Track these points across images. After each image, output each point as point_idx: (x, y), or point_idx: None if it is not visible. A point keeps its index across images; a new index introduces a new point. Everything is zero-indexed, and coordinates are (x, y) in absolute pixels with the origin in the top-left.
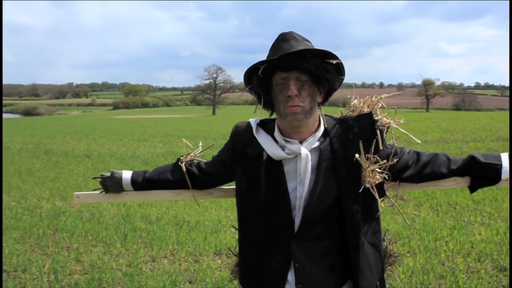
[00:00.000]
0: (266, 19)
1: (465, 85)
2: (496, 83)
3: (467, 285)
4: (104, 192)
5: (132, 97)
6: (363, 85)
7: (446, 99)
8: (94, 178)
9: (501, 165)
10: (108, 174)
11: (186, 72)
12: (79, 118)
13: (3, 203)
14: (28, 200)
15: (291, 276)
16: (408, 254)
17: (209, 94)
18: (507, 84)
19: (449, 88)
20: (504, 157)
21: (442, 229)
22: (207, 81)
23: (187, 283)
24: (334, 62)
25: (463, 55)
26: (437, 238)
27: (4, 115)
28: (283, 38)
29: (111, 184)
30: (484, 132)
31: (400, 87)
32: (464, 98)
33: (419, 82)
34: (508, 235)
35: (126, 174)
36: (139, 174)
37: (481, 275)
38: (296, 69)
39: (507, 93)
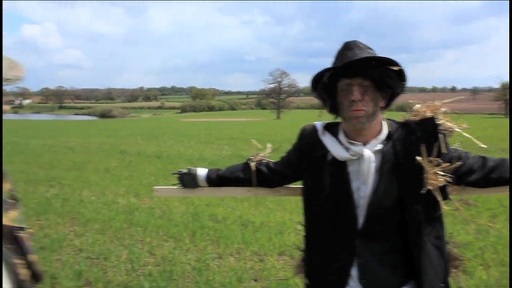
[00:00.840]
0: (331, 23)
1: None
2: None
3: None
4: (181, 187)
5: (199, 100)
6: (434, 89)
7: None
8: (173, 173)
9: None
10: (186, 170)
11: (251, 76)
12: (150, 120)
13: (85, 197)
14: (106, 196)
15: (354, 272)
16: (481, 267)
17: (274, 98)
18: None
19: None
20: None
21: None
22: (272, 85)
23: (252, 281)
24: (397, 69)
25: None
26: None
27: (83, 117)
28: (347, 47)
29: (188, 180)
30: None
31: (474, 91)
32: None
33: (496, 85)
34: None
35: (201, 171)
36: (213, 172)
37: None
38: (360, 75)
39: None
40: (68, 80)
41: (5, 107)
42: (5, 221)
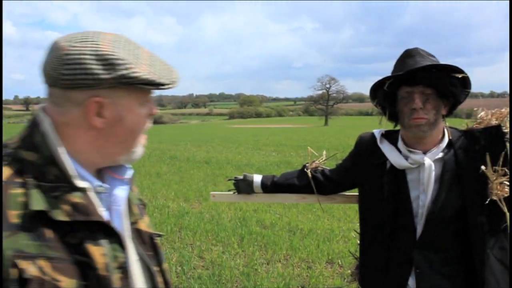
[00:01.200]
0: (382, 27)
1: None
2: None
3: None
4: (236, 193)
5: (247, 107)
6: (492, 95)
7: None
8: (229, 179)
9: None
10: (241, 176)
11: (299, 83)
12: (198, 126)
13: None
14: (157, 200)
15: (412, 281)
16: None
17: (322, 105)
18: None
19: None
20: None
21: None
22: (320, 92)
23: (300, 287)
24: (460, 76)
25: None
26: None
27: None
28: (408, 54)
29: (243, 186)
30: None
31: None
32: None
33: None
34: None
35: (257, 178)
36: (268, 178)
37: None
38: (421, 83)
39: None
40: None
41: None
42: (143, 227)
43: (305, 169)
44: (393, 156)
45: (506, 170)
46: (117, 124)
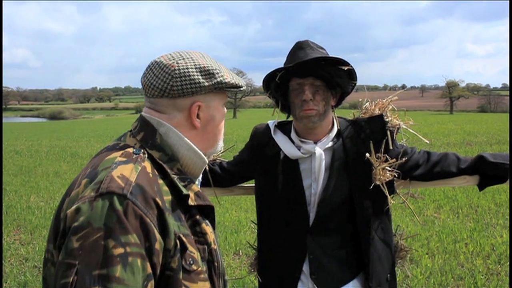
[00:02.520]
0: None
1: (492, 86)
2: None
3: (485, 286)
4: None
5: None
6: (385, 88)
7: (471, 101)
8: None
9: (509, 164)
10: None
11: None
12: (103, 121)
13: (32, 203)
14: (55, 201)
15: (306, 267)
16: (426, 256)
17: (230, 98)
18: None
19: (474, 89)
20: None
21: (462, 231)
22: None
23: None
24: (346, 68)
25: (489, 56)
26: (457, 240)
27: (32, 119)
28: (299, 47)
29: None
30: (509, 134)
31: (423, 89)
32: (490, 100)
33: (443, 84)
34: None
35: None
36: None
37: (501, 277)
38: (311, 75)
39: None
40: (14, 80)
41: None
42: None
43: None
44: (286, 146)
45: (388, 157)
46: (210, 123)
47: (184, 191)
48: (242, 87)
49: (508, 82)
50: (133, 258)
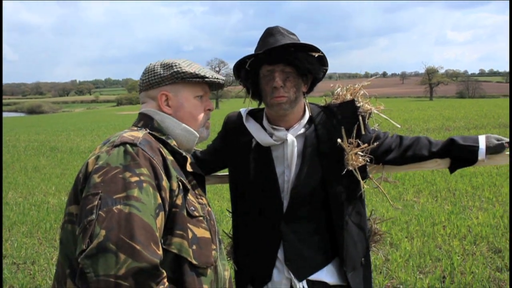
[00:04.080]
0: (270, 11)
1: (470, 72)
2: (501, 69)
3: (462, 267)
4: None
5: (136, 92)
6: (367, 75)
7: (450, 87)
8: None
9: (478, 146)
10: None
11: None
12: (83, 115)
13: (10, 199)
14: (35, 196)
15: (280, 254)
16: (406, 239)
17: (212, 91)
18: None
19: (453, 76)
20: (482, 139)
21: (440, 214)
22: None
23: None
24: (316, 55)
25: (468, 43)
26: (435, 223)
27: (9, 114)
28: (269, 33)
29: None
30: (486, 118)
31: (403, 76)
32: (468, 86)
33: (422, 71)
34: (505, 218)
35: None
36: None
37: (476, 257)
38: (281, 62)
39: None
40: None
41: None
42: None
43: None
44: (258, 134)
45: (359, 142)
46: (180, 109)
47: (184, 153)
48: (205, 77)
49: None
50: (146, 184)
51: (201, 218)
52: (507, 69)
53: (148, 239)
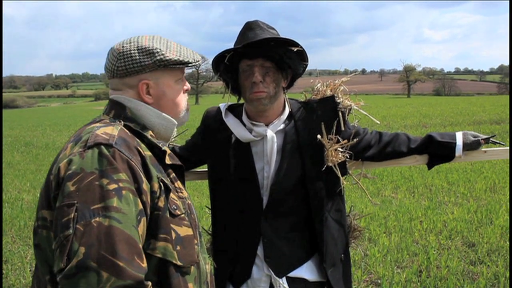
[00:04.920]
0: (251, 7)
1: (446, 70)
2: (475, 68)
3: (437, 261)
4: None
5: None
6: (346, 72)
7: (427, 84)
8: None
9: (455, 143)
10: None
11: None
12: (60, 110)
13: None
14: (8, 193)
15: (260, 251)
16: (384, 234)
17: (192, 83)
18: (485, 69)
19: (430, 73)
20: (459, 135)
21: (417, 209)
22: (189, 70)
23: None
24: (295, 50)
25: (445, 41)
26: (412, 218)
27: None
28: (249, 27)
29: None
30: (462, 116)
31: (382, 73)
32: (444, 84)
33: (400, 68)
34: (478, 213)
35: None
36: None
37: (452, 251)
38: (261, 56)
39: (486, 78)
40: None
41: None
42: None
43: None
44: (237, 129)
45: (339, 138)
46: (162, 98)
47: (162, 147)
48: (189, 62)
49: (460, 67)
50: (126, 191)
51: (183, 215)
52: (482, 68)
53: (131, 253)
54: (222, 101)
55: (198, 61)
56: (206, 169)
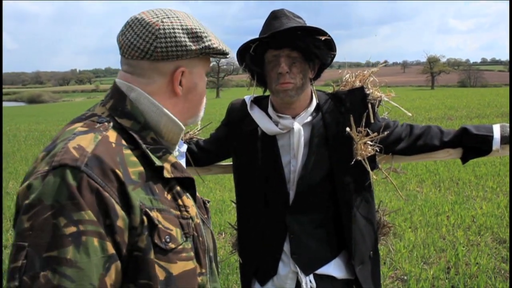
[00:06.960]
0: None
1: (471, 61)
2: (503, 58)
3: (466, 257)
4: None
5: None
6: (368, 64)
7: (452, 76)
8: None
9: (493, 136)
10: None
11: None
12: (84, 104)
13: (11, 189)
14: None
15: (286, 247)
16: (409, 230)
17: (213, 77)
18: None
19: (454, 65)
20: (496, 128)
21: (443, 204)
22: (210, 64)
23: None
24: (323, 38)
25: (470, 31)
26: (439, 213)
27: (9, 103)
28: (274, 16)
29: None
30: (489, 108)
31: (404, 65)
32: (469, 75)
33: (424, 59)
34: (508, 209)
35: None
36: None
37: (481, 248)
38: (287, 46)
39: None
40: None
41: None
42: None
43: None
44: (263, 122)
45: (369, 131)
46: (192, 91)
47: (157, 163)
48: (228, 54)
49: (487, 57)
50: (87, 237)
51: (180, 247)
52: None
53: None
54: (243, 94)
55: (228, 53)
56: (231, 163)
